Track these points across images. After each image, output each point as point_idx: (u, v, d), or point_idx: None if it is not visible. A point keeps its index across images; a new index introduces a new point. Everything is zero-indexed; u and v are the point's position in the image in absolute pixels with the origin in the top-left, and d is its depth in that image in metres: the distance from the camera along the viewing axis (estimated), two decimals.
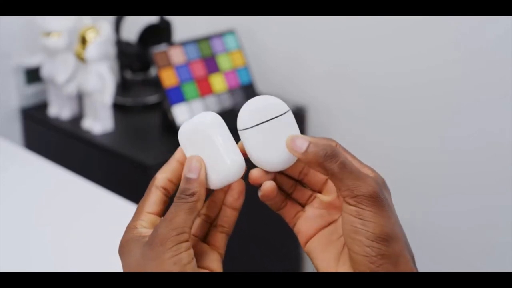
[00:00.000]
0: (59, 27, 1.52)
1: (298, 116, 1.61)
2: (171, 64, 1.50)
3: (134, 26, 1.67)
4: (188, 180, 0.54)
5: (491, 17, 1.30)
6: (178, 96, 1.48)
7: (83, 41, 1.47)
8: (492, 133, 1.39)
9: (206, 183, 0.55)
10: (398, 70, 1.49)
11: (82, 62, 1.49)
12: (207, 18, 1.70)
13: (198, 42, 1.55)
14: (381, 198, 0.52)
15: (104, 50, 1.49)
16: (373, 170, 0.55)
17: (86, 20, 1.50)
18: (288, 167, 0.56)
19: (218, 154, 0.55)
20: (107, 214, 1.12)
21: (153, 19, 1.64)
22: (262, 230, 1.54)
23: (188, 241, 0.52)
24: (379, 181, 0.54)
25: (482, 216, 1.44)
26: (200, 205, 0.53)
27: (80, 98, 1.59)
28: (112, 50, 1.64)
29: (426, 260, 1.47)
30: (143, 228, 0.54)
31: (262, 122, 0.55)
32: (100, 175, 1.45)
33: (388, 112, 1.53)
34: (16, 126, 1.66)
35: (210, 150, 0.55)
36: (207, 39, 1.57)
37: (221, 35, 1.59)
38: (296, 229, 0.59)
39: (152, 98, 1.64)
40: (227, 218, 0.59)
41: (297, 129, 0.56)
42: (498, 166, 1.39)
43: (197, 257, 0.54)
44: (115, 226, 0.67)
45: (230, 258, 1.60)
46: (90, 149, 1.52)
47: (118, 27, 1.60)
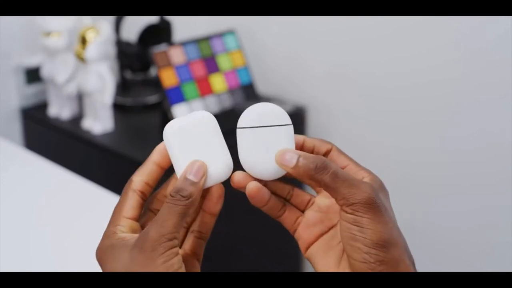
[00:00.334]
0: (59, 27, 1.52)
1: (298, 116, 1.61)
2: (171, 64, 1.50)
3: (134, 26, 1.67)
4: (187, 181, 0.53)
5: (491, 17, 1.30)
6: (178, 96, 1.48)
7: (83, 41, 1.47)
8: (492, 133, 1.39)
9: None
10: (398, 70, 1.49)
11: (82, 62, 1.49)
12: (207, 18, 1.70)
13: (198, 42, 1.55)
14: (377, 204, 0.51)
15: (104, 50, 1.49)
16: (370, 172, 0.55)
17: (86, 20, 1.50)
18: (272, 179, 0.55)
19: (210, 154, 0.54)
20: (107, 214, 1.12)
21: (153, 19, 1.64)
22: (262, 230, 1.54)
23: (177, 246, 0.51)
24: (375, 185, 0.53)
25: (482, 216, 1.44)
26: (192, 210, 0.52)
27: (80, 98, 1.59)
28: (112, 50, 1.64)
29: (426, 260, 1.47)
30: (123, 233, 0.53)
31: (261, 126, 0.54)
32: (100, 175, 1.45)
33: (388, 112, 1.53)
34: (16, 126, 1.66)
35: (202, 149, 0.54)
36: (207, 39, 1.57)
37: (221, 35, 1.59)
38: (296, 235, 0.58)
39: (152, 98, 1.64)
40: (205, 224, 0.58)
41: (293, 144, 0.55)
42: (498, 166, 1.39)
43: None
44: None
45: (230, 258, 1.61)
46: (90, 149, 1.52)
47: (118, 27, 1.60)
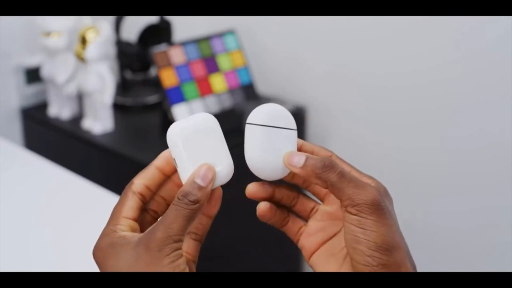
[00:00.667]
0: (59, 27, 1.52)
1: (298, 116, 1.61)
2: (171, 64, 1.50)
3: (134, 26, 1.67)
4: (195, 185, 0.52)
5: (491, 17, 1.30)
6: (178, 96, 1.48)
7: (83, 41, 1.47)
8: (492, 133, 1.39)
9: None
10: (398, 70, 1.49)
11: (82, 62, 1.49)
12: (207, 18, 1.70)
13: (198, 42, 1.55)
14: (382, 206, 0.51)
15: (104, 50, 1.49)
16: (373, 178, 0.55)
17: (86, 20, 1.50)
18: (275, 179, 0.56)
19: (212, 156, 0.54)
20: (107, 214, 1.12)
21: (153, 19, 1.64)
22: (262, 230, 1.54)
23: (182, 248, 0.51)
24: (380, 189, 0.53)
25: (482, 216, 1.44)
26: (198, 215, 0.53)
27: (80, 98, 1.59)
28: (112, 50, 1.64)
29: (426, 260, 1.47)
30: (123, 232, 0.53)
31: (272, 126, 0.55)
32: (100, 175, 1.45)
33: (388, 112, 1.53)
34: (16, 126, 1.66)
35: (205, 151, 0.54)
36: (207, 39, 1.57)
37: (221, 35, 1.59)
38: (300, 244, 0.59)
39: (152, 98, 1.64)
40: (201, 225, 0.58)
41: (296, 149, 0.56)
42: (498, 166, 1.39)
43: None
44: None
45: (230, 258, 1.61)
46: (90, 149, 1.52)
47: (118, 27, 1.60)
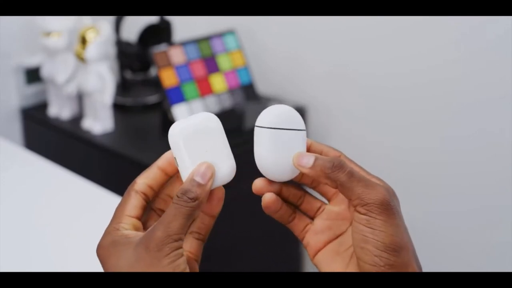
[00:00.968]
0: (59, 27, 1.52)
1: None
2: (171, 64, 1.50)
3: (134, 26, 1.67)
4: (194, 183, 0.52)
5: (491, 17, 1.30)
6: (178, 96, 1.48)
7: (83, 41, 1.47)
8: (492, 133, 1.39)
9: None
10: (398, 70, 1.49)
11: (82, 62, 1.49)
12: (207, 18, 1.70)
13: (198, 42, 1.55)
14: (391, 206, 0.52)
15: (104, 50, 1.49)
16: (381, 180, 0.55)
17: (86, 20, 1.50)
18: (286, 180, 0.57)
19: (214, 156, 0.54)
20: (107, 214, 1.12)
21: (153, 19, 1.64)
22: (263, 230, 1.54)
23: (182, 247, 0.51)
24: (389, 189, 0.54)
25: (482, 216, 1.44)
26: (198, 212, 0.53)
27: (80, 98, 1.59)
28: (112, 50, 1.64)
29: (426, 260, 1.47)
30: (126, 230, 0.53)
31: (281, 128, 0.55)
32: (100, 175, 1.45)
33: (388, 112, 1.53)
34: (16, 126, 1.66)
35: (207, 151, 0.54)
36: (207, 39, 1.57)
37: (221, 35, 1.59)
38: (305, 242, 0.59)
39: (152, 98, 1.64)
40: (204, 225, 0.58)
41: (305, 149, 0.56)
42: (498, 166, 1.39)
43: None
44: None
45: (231, 258, 1.61)
46: (90, 149, 1.52)
47: (118, 27, 1.60)
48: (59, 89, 1.58)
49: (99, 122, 1.51)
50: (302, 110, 1.62)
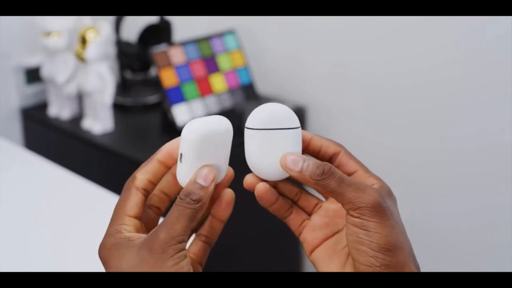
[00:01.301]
0: (59, 27, 1.52)
1: (298, 116, 1.60)
2: (171, 64, 1.50)
3: (134, 26, 1.67)
4: (196, 185, 0.53)
5: (491, 17, 1.30)
6: (178, 96, 1.48)
7: (83, 41, 1.47)
8: (492, 133, 1.39)
9: None
10: (398, 70, 1.49)
11: (82, 62, 1.49)
12: (207, 18, 1.70)
13: (198, 42, 1.55)
14: (383, 208, 0.51)
15: (104, 50, 1.49)
16: (379, 179, 0.55)
17: (86, 20, 1.50)
18: (279, 180, 0.56)
19: (220, 161, 0.55)
20: (107, 214, 1.12)
21: (153, 19, 1.64)
22: (263, 230, 1.54)
23: (185, 249, 0.51)
24: (382, 190, 0.53)
25: (482, 216, 1.44)
26: (200, 215, 0.53)
27: (80, 98, 1.59)
28: (112, 50, 1.64)
29: (426, 260, 1.47)
30: (129, 232, 0.53)
31: (269, 128, 0.55)
32: (100, 175, 1.45)
33: (388, 112, 1.53)
34: (16, 126, 1.66)
35: (215, 155, 0.54)
36: (207, 39, 1.57)
37: (221, 35, 1.59)
38: (302, 238, 0.58)
39: (152, 98, 1.64)
40: (213, 229, 0.58)
41: (300, 147, 0.56)
42: (498, 166, 1.39)
43: None
44: None
45: (231, 258, 1.61)
46: (90, 149, 1.52)
47: (118, 27, 1.60)
48: (59, 89, 1.58)
49: (99, 122, 1.51)
50: (302, 110, 1.62)
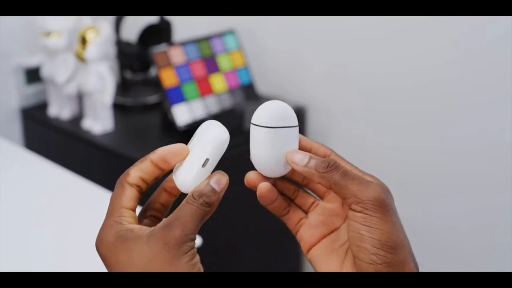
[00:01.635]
0: (59, 27, 1.52)
1: (298, 116, 1.60)
2: (171, 64, 1.50)
3: (134, 26, 1.67)
4: (209, 187, 0.53)
5: (491, 17, 1.30)
6: (178, 96, 1.48)
7: (83, 41, 1.47)
8: (492, 133, 1.39)
9: (179, 181, 0.55)
10: (398, 70, 1.49)
11: (82, 62, 1.49)
12: (207, 18, 1.70)
13: (198, 42, 1.55)
14: (386, 203, 0.52)
15: (104, 50, 1.49)
16: (375, 177, 0.55)
17: (86, 20, 1.50)
18: (280, 176, 0.57)
19: (209, 171, 0.55)
20: None
21: (153, 19, 1.64)
22: (263, 230, 1.54)
23: (195, 247, 0.52)
24: (384, 187, 0.53)
25: (482, 216, 1.44)
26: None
27: (80, 98, 1.59)
28: (112, 50, 1.64)
29: (426, 260, 1.47)
30: (130, 224, 0.53)
31: (276, 126, 0.56)
32: (100, 175, 1.45)
33: (388, 112, 1.53)
34: (16, 126, 1.66)
35: (210, 161, 0.55)
36: (207, 39, 1.57)
37: (221, 35, 1.59)
38: (299, 236, 0.58)
39: (152, 98, 1.64)
40: (163, 205, 0.58)
41: (297, 144, 0.57)
42: (498, 166, 1.39)
43: None
44: None
45: (231, 258, 1.60)
46: (90, 149, 1.52)
47: (118, 27, 1.60)
48: (59, 89, 1.58)
49: (99, 122, 1.51)
50: (302, 110, 1.62)
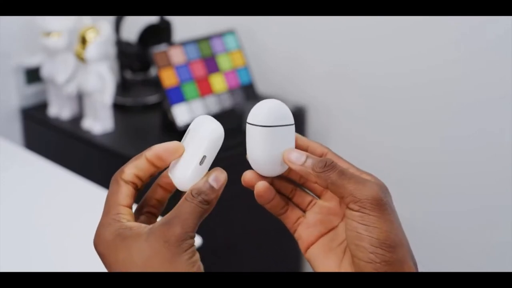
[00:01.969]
0: (59, 27, 1.52)
1: (298, 116, 1.61)
2: (171, 64, 1.50)
3: (134, 26, 1.67)
4: (207, 185, 0.53)
5: (491, 17, 1.30)
6: (178, 96, 1.48)
7: (83, 41, 1.47)
8: (492, 133, 1.39)
9: (174, 176, 0.55)
10: (398, 70, 1.49)
11: (82, 62, 1.49)
12: (207, 18, 1.70)
13: (198, 42, 1.55)
14: (384, 202, 0.51)
15: (104, 50, 1.49)
16: (373, 176, 0.55)
17: (86, 20, 1.50)
18: (275, 175, 0.57)
19: (206, 168, 0.55)
20: None
21: (153, 19, 1.64)
22: (263, 230, 1.54)
23: (194, 245, 0.52)
24: (381, 185, 0.53)
25: (482, 216, 1.44)
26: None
27: (80, 98, 1.59)
28: (112, 50, 1.64)
29: (426, 260, 1.47)
30: (129, 222, 0.53)
31: (272, 125, 0.55)
32: (100, 175, 1.45)
33: (388, 112, 1.53)
34: (16, 126, 1.66)
35: (207, 157, 0.54)
36: (207, 39, 1.57)
37: (221, 35, 1.59)
38: (297, 235, 0.58)
39: (152, 98, 1.64)
40: (159, 201, 0.58)
41: (294, 143, 0.57)
42: (498, 166, 1.39)
43: None
44: None
45: (231, 258, 1.60)
46: (90, 149, 1.52)
47: (118, 27, 1.60)
48: (59, 89, 1.58)
49: (99, 122, 1.51)
50: (302, 110, 1.62)
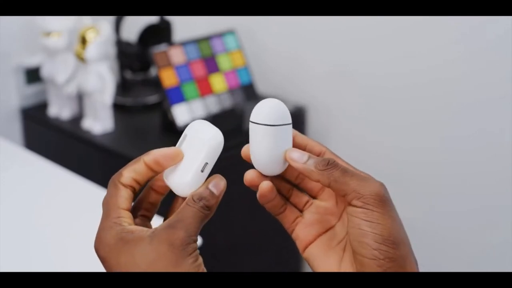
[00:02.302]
0: (59, 27, 1.52)
1: (298, 116, 1.61)
2: (171, 64, 1.50)
3: (134, 26, 1.67)
4: (208, 191, 0.54)
5: (491, 17, 1.30)
6: (178, 96, 1.48)
7: (83, 41, 1.47)
8: (492, 133, 1.39)
9: (172, 185, 0.55)
10: (398, 70, 1.49)
11: (82, 62, 1.49)
12: (207, 18, 1.70)
13: (198, 42, 1.55)
14: (386, 198, 0.52)
15: (104, 50, 1.49)
16: (369, 175, 0.55)
17: (86, 20, 1.50)
18: (276, 174, 0.57)
19: (206, 174, 0.55)
20: None
21: (153, 19, 1.64)
22: (263, 230, 1.54)
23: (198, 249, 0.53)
24: (381, 183, 0.54)
25: (482, 216, 1.44)
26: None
27: (80, 98, 1.59)
28: (112, 50, 1.64)
29: (426, 260, 1.47)
30: (130, 225, 0.53)
31: (275, 124, 0.56)
32: (100, 175, 1.45)
33: (388, 112, 1.53)
34: (16, 126, 1.66)
35: (208, 164, 0.55)
36: (207, 39, 1.57)
37: (221, 35, 1.59)
38: (294, 234, 0.59)
39: (152, 98, 1.64)
40: (152, 204, 0.58)
41: (292, 142, 0.57)
42: (498, 166, 1.39)
43: None
44: None
45: (231, 258, 1.60)
46: (90, 149, 1.52)
47: (118, 27, 1.60)
48: (59, 89, 1.58)
49: (99, 122, 1.51)
50: (302, 110, 1.62)
